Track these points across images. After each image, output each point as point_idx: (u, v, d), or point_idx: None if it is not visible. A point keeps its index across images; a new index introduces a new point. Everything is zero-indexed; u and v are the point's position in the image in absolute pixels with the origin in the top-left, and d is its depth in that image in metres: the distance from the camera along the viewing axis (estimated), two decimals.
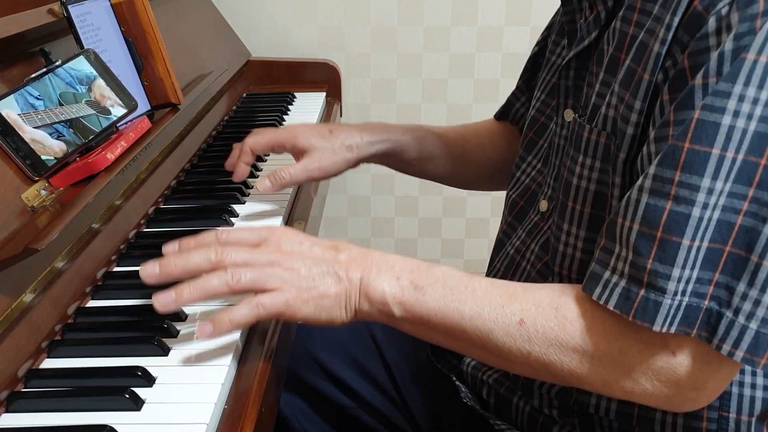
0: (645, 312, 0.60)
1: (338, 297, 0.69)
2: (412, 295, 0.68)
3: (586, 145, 0.73)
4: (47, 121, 0.82)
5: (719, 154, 0.57)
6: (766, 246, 0.57)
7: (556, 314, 0.64)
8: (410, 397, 0.99)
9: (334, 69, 1.76)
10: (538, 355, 0.65)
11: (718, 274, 0.58)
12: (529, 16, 1.80)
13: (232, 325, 0.66)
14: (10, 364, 0.66)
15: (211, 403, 0.63)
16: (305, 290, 0.68)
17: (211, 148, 1.29)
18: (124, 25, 1.04)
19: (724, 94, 0.57)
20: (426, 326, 0.69)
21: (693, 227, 0.58)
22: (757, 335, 0.58)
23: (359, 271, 0.69)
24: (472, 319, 0.66)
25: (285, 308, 0.67)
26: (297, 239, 0.71)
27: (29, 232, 0.72)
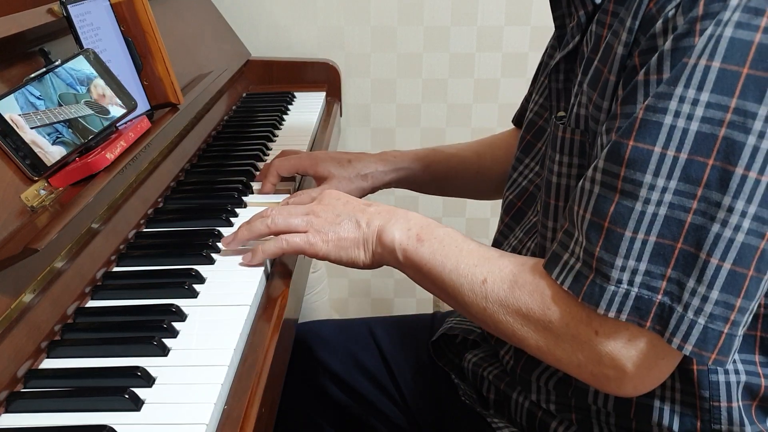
0: (591, 295, 0.64)
1: (356, 240, 0.81)
2: (414, 245, 0.78)
3: (561, 144, 0.77)
4: (47, 121, 0.82)
5: (660, 152, 0.60)
6: (713, 244, 0.60)
7: (511, 279, 0.71)
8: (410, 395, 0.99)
9: (334, 69, 1.75)
10: (491, 313, 0.72)
11: (671, 270, 0.61)
12: (529, 16, 1.79)
13: (263, 254, 0.83)
14: (10, 365, 0.66)
15: (211, 403, 0.63)
16: (326, 233, 0.82)
17: (211, 148, 1.29)
18: (123, 25, 1.04)
19: (665, 96, 0.60)
20: (419, 273, 0.78)
21: (635, 220, 0.62)
22: (705, 330, 0.61)
23: (380, 220, 0.81)
24: (450, 272, 0.75)
25: (307, 246, 0.82)
26: (337, 196, 0.86)
27: (29, 232, 0.72)
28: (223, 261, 0.88)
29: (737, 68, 0.58)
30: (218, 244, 0.91)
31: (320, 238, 0.82)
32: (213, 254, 0.89)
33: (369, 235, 0.81)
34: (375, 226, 0.81)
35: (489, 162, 1.13)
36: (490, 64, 1.84)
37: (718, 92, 0.59)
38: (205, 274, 0.84)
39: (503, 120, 1.15)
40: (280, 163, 1.09)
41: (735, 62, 0.58)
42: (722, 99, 0.59)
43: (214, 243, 0.91)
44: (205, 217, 0.99)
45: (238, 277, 0.85)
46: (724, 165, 0.59)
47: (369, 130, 1.90)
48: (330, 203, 0.84)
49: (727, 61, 0.58)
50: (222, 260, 0.88)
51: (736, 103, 0.58)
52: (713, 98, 0.59)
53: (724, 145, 0.59)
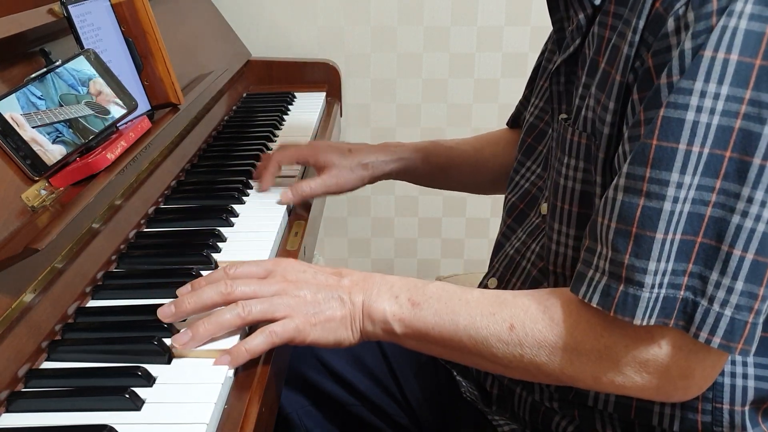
0: (625, 307, 0.62)
1: (344, 319, 0.73)
2: (410, 311, 0.72)
3: (569, 147, 0.75)
4: (47, 120, 0.82)
5: (685, 149, 0.60)
6: (735, 235, 0.60)
7: (543, 317, 0.67)
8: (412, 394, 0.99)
9: (334, 69, 1.75)
10: (530, 358, 0.68)
11: (692, 265, 0.61)
12: (529, 16, 1.79)
13: (249, 354, 0.70)
14: (10, 364, 0.66)
15: (211, 403, 0.63)
16: (312, 315, 0.72)
17: (211, 148, 1.29)
18: (124, 25, 1.04)
19: (686, 91, 0.60)
20: (426, 340, 0.72)
21: (665, 221, 0.61)
22: (732, 321, 0.61)
23: (361, 294, 0.74)
24: (466, 328, 0.70)
25: (296, 333, 0.71)
26: (300, 268, 0.76)
27: (29, 232, 0.72)
28: (224, 261, 0.88)
29: (751, 60, 0.58)
30: (218, 244, 0.91)
31: (306, 322, 0.72)
32: (213, 254, 0.89)
33: (355, 312, 0.74)
34: (358, 302, 0.74)
35: (487, 156, 1.13)
36: (490, 64, 1.84)
37: (735, 85, 0.59)
38: (205, 275, 0.84)
39: (503, 120, 1.16)
40: (282, 154, 1.09)
41: (749, 54, 0.58)
42: (738, 91, 0.59)
43: (215, 243, 0.91)
44: (206, 217, 0.99)
45: None
46: (742, 156, 0.59)
47: (369, 130, 1.90)
48: (297, 278, 0.75)
49: (743, 53, 0.59)
50: (222, 260, 0.88)
51: (750, 95, 0.59)
52: (731, 91, 0.59)
53: (741, 136, 0.59)
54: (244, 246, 0.92)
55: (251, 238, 0.95)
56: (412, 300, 0.72)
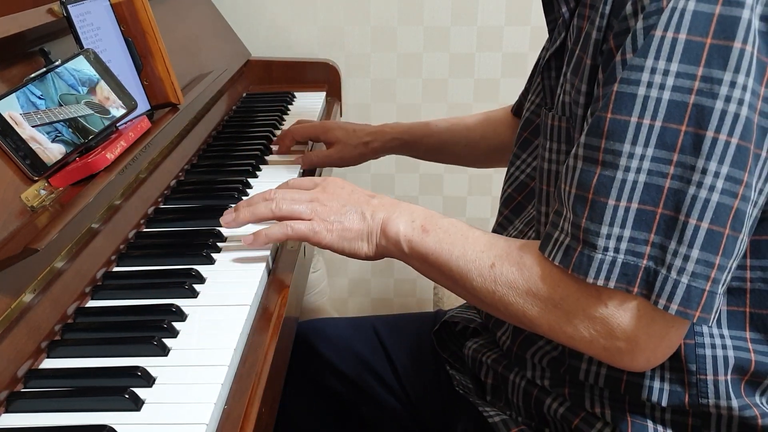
0: (580, 266, 0.67)
1: (360, 232, 0.82)
2: (419, 236, 0.79)
3: (550, 131, 0.80)
4: (47, 120, 0.82)
5: (636, 121, 0.64)
6: (690, 205, 0.63)
7: (518, 262, 0.73)
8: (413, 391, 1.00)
9: (334, 69, 1.75)
10: (500, 296, 0.73)
11: (653, 235, 0.64)
12: (529, 16, 1.79)
13: (267, 238, 0.84)
14: (10, 364, 0.66)
15: (211, 403, 0.63)
16: (331, 222, 0.83)
17: (211, 148, 1.29)
18: (123, 25, 1.04)
19: (637, 68, 0.64)
20: (425, 263, 0.79)
21: (617, 189, 0.64)
22: (689, 289, 0.63)
23: (384, 212, 0.82)
24: (457, 259, 0.76)
25: (311, 234, 0.82)
26: (341, 184, 0.87)
27: (29, 232, 0.72)
28: (224, 261, 0.88)
29: (701, 39, 0.62)
30: (218, 244, 0.91)
31: (324, 227, 0.82)
32: (213, 254, 0.89)
33: (373, 227, 0.82)
34: (379, 218, 0.82)
35: (477, 136, 1.24)
36: (490, 64, 1.84)
37: (686, 62, 0.62)
38: (205, 274, 0.84)
39: None
40: (296, 129, 1.27)
41: (699, 33, 0.62)
42: (690, 68, 0.62)
43: (215, 243, 0.91)
44: (206, 217, 0.99)
45: (239, 276, 0.85)
46: (696, 130, 0.62)
47: None
48: (335, 192, 0.85)
49: (692, 32, 0.62)
50: (222, 260, 0.88)
51: (702, 72, 0.62)
52: (681, 68, 0.62)
53: (695, 111, 0.62)
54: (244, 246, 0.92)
55: None
56: (424, 226, 0.79)
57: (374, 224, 0.82)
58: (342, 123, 1.26)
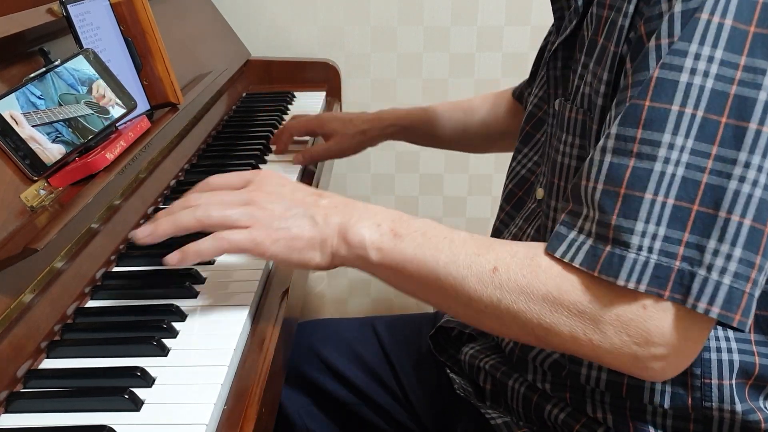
0: (610, 266, 0.61)
1: (312, 240, 0.70)
2: (391, 241, 0.69)
3: (567, 124, 0.76)
4: (47, 120, 0.82)
5: (678, 110, 0.60)
6: (732, 201, 0.59)
7: (530, 263, 0.65)
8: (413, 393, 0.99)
9: (334, 69, 1.75)
10: (508, 303, 0.65)
11: (688, 234, 0.60)
12: (529, 16, 1.79)
13: (197, 255, 0.70)
14: (10, 365, 0.66)
15: (211, 403, 0.63)
16: (276, 230, 0.70)
17: (211, 147, 1.29)
18: (123, 25, 1.04)
19: (681, 53, 0.60)
20: (401, 273, 0.69)
21: (655, 182, 0.60)
22: (731, 290, 0.59)
23: (339, 216, 0.71)
24: (446, 265, 0.67)
25: (252, 245, 0.70)
26: (280, 182, 0.74)
27: (28, 232, 0.72)
28: (224, 261, 0.88)
29: (745, 26, 0.59)
30: None
31: (268, 236, 0.70)
32: None
33: (328, 233, 0.70)
34: (334, 223, 0.71)
35: (475, 121, 1.23)
36: (490, 64, 1.84)
37: (730, 50, 0.59)
38: (204, 274, 0.84)
39: None
40: (292, 125, 1.25)
41: (743, 20, 0.59)
42: (733, 57, 0.59)
43: None
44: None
45: (238, 277, 0.85)
46: (738, 122, 0.59)
47: None
48: (274, 191, 0.73)
49: (738, 18, 0.59)
50: (222, 260, 0.88)
51: (745, 61, 0.59)
52: (725, 56, 0.59)
53: (736, 102, 0.59)
54: None
55: None
56: (395, 230, 0.70)
57: (328, 230, 0.70)
58: (338, 114, 1.28)
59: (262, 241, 0.70)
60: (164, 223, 0.71)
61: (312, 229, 0.70)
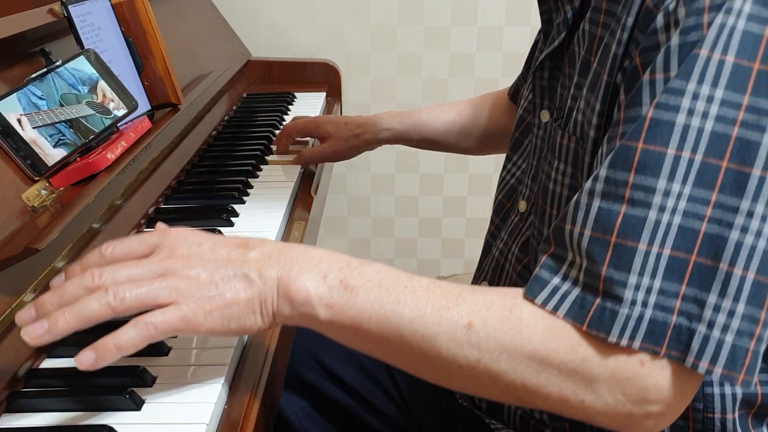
0: (600, 322, 0.56)
1: (250, 302, 0.60)
2: (342, 296, 0.60)
3: (559, 150, 0.72)
4: (48, 121, 0.82)
5: (674, 154, 0.55)
6: (734, 253, 0.54)
7: (510, 316, 0.58)
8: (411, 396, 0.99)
9: (334, 69, 1.76)
10: (487, 364, 0.58)
11: (685, 287, 0.55)
12: (529, 16, 1.80)
13: (118, 350, 0.57)
14: (10, 364, 0.66)
15: (211, 403, 0.63)
16: (207, 300, 0.59)
17: (212, 148, 1.29)
18: (124, 25, 1.04)
19: (677, 92, 0.55)
20: (357, 332, 0.61)
21: (650, 231, 0.55)
22: (734, 349, 0.55)
23: (276, 269, 0.61)
24: (412, 322, 0.59)
25: (183, 324, 0.58)
26: (195, 240, 0.63)
27: (29, 232, 0.72)
28: None
29: (749, 63, 0.54)
30: None
31: (199, 309, 0.59)
32: None
33: (266, 291, 0.60)
34: (272, 277, 0.60)
35: (469, 123, 1.21)
36: (490, 64, 1.84)
37: (732, 89, 0.54)
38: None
39: None
40: (291, 126, 1.26)
41: (747, 57, 0.54)
42: (735, 96, 0.54)
43: None
44: (206, 217, 0.99)
45: None
46: (740, 167, 0.54)
47: None
48: (190, 253, 0.61)
49: (741, 55, 0.54)
50: None
51: (748, 101, 0.54)
52: (726, 95, 0.55)
53: (738, 145, 0.54)
54: None
55: None
56: (345, 282, 0.60)
57: (266, 287, 0.60)
58: (334, 117, 1.25)
59: (193, 317, 0.58)
60: (65, 318, 0.57)
61: (248, 290, 0.60)
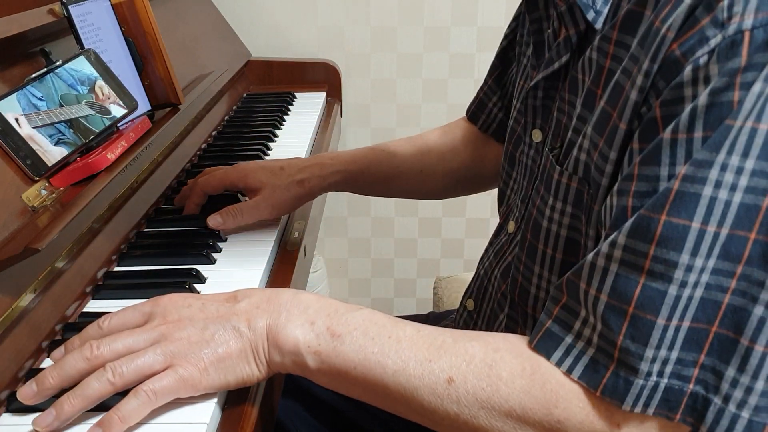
0: (615, 390, 0.55)
1: (242, 353, 0.62)
2: (329, 344, 0.61)
3: (556, 188, 0.69)
4: (48, 121, 0.83)
5: (699, 227, 0.52)
6: (757, 329, 0.52)
7: (489, 372, 0.58)
8: None
9: (334, 69, 1.76)
10: (467, 418, 0.59)
11: (704, 356, 0.54)
12: None
13: (123, 422, 0.58)
14: (11, 364, 0.66)
15: (211, 403, 0.63)
16: (200, 358, 0.61)
17: (212, 148, 1.29)
18: (124, 25, 1.04)
19: (705, 164, 0.52)
20: (344, 380, 0.62)
21: (669, 306, 0.54)
22: (750, 424, 0.54)
23: (265, 317, 0.63)
24: (395, 374, 0.60)
25: (181, 385, 0.60)
26: (184, 303, 0.65)
27: (29, 232, 0.72)
28: (224, 261, 0.88)
29: None
30: (219, 244, 0.91)
31: (194, 368, 0.61)
32: (214, 254, 0.89)
33: (257, 340, 0.62)
34: (261, 326, 0.62)
35: (434, 159, 1.06)
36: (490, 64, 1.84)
37: (764, 158, 0.51)
38: (205, 274, 0.84)
39: None
40: (206, 180, 0.99)
41: None
42: (766, 165, 0.51)
43: (215, 243, 0.91)
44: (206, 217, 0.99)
45: (239, 277, 0.85)
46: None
47: (369, 131, 1.90)
48: (180, 316, 0.63)
49: None
50: (223, 260, 0.89)
51: None
52: (758, 165, 0.51)
53: None
54: (244, 246, 0.92)
55: (251, 238, 0.95)
56: (332, 330, 0.61)
57: (256, 336, 0.62)
58: (263, 162, 1.01)
59: (189, 376, 0.60)
60: (70, 402, 0.59)
61: (239, 342, 0.62)
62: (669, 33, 0.55)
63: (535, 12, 0.76)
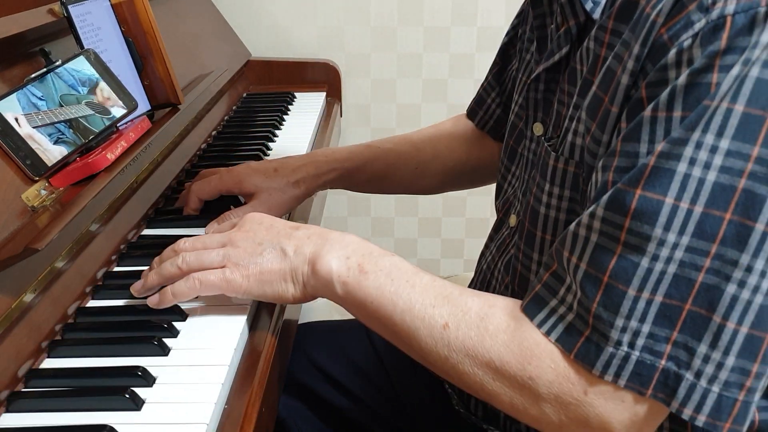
0: (587, 354, 0.58)
1: (282, 272, 0.71)
2: (356, 277, 0.68)
3: (552, 174, 0.70)
4: (48, 121, 0.82)
5: (673, 203, 0.54)
6: (729, 306, 0.54)
7: (479, 324, 0.63)
8: (408, 400, 0.98)
9: (334, 69, 1.76)
10: (454, 363, 0.63)
11: (677, 333, 0.56)
12: None
13: (174, 297, 0.73)
14: (11, 364, 0.66)
15: (211, 403, 0.63)
16: (246, 266, 0.72)
17: (212, 148, 1.29)
18: (124, 25, 1.04)
19: (681, 141, 0.54)
20: (362, 310, 0.69)
21: (641, 278, 0.55)
22: (720, 399, 0.56)
23: (312, 245, 0.71)
24: (402, 313, 0.66)
25: (224, 284, 0.72)
26: (260, 219, 0.75)
27: (29, 232, 0.72)
28: None
29: (761, 113, 0.52)
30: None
31: (239, 273, 0.71)
32: None
33: (298, 264, 0.71)
34: (306, 253, 0.70)
35: (429, 156, 1.07)
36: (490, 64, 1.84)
37: (740, 139, 0.52)
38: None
39: None
40: (200, 187, 0.98)
41: (760, 106, 0.52)
42: (743, 147, 0.52)
43: None
44: (206, 217, 0.99)
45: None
46: (743, 220, 0.53)
47: (369, 131, 1.90)
48: (251, 229, 0.74)
49: (751, 104, 0.52)
50: None
51: (758, 152, 0.52)
52: (734, 146, 0.53)
53: (744, 197, 0.53)
54: None
55: None
56: (362, 266, 0.68)
57: (298, 261, 0.71)
58: (257, 165, 1.00)
59: (233, 279, 0.72)
60: (152, 276, 0.76)
61: (281, 261, 0.71)
62: (658, 18, 0.57)
63: (539, 8, 0.77)
